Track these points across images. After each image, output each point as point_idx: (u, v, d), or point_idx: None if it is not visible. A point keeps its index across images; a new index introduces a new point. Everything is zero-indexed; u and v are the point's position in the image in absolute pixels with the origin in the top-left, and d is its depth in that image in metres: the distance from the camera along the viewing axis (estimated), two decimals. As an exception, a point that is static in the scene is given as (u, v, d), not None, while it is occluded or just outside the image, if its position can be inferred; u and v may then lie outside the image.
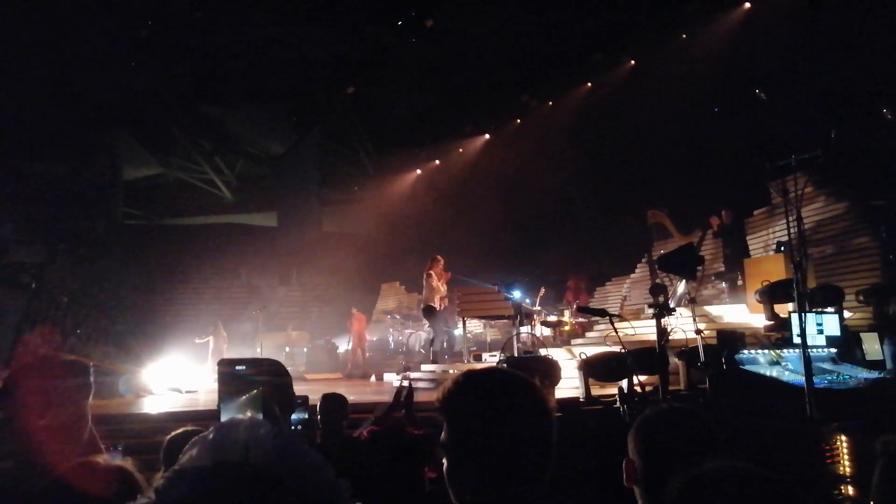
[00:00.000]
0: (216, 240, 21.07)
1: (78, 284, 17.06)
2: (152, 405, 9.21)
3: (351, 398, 8.96)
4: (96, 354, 13.31)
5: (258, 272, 19.79)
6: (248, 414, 1.64)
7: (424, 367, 11.12)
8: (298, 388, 2.53)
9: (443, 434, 1.36)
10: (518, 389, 1.34)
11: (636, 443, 1.79)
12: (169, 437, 3.08)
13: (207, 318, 16.20)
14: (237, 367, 1.90)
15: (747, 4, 13.07)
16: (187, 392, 10.95)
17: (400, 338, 15.51)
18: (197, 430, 3.13)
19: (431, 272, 10.60)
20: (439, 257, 10.88)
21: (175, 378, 11.42)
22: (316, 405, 4.52)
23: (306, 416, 4.12)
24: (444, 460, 1.36)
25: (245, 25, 17.57)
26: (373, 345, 16.89)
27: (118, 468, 1.66)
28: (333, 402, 4.49)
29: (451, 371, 9.88)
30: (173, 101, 20.41)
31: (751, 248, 11.43)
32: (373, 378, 13.02)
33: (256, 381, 1.88)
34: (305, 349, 15.88)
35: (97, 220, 20.25)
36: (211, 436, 0.94)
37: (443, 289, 10.61)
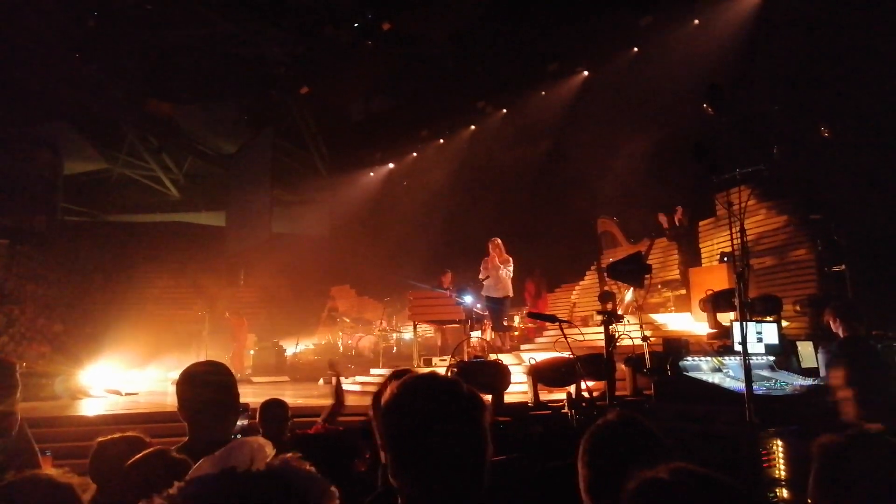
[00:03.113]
0: (161, 238, 20.50)
1: (14, 281, 16.38)
2: (89, 408, 8.91)
3: (298, 402, 8.83)
4: (31, 355, 12.81)
5: (205, 272, 19.32)
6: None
7: (374, 371, 11.06)
8: (244, 392, 2.48)
9: (382, 433, 1.50)
10: (451, 395, 1.48)
11: (581, 453, 1.85)
12: (98, 440, 2.93)
13: (150, 319, 15.75)
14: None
15: (696, 21, 13.44)
16: (127, 395, 10.63)
17: (349, 341, 15.41)
18: (133, 437, 3.00)
19: (484, 260, 10.57)
20: (495, 239, 10.60)
21: (115, 380, 11.08)
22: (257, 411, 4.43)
23: (246, 423, 4.03)
24: (385, 457, 1.51)
25: (198, 21, 17.18)
26: (321, 348, 16.72)
27: (65, 485, 1.63)
28: (274, 409, 4.40)
29: (400, 375, 9.84)
30: (120, 95, 19.80)
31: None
32: (321, 381, 12.88)
33: None
34: (252, 352, 15.58)
35: (37, 215, 19.49)
36: (217, 453, 1.00)
37: (496, 262, 10.37)
